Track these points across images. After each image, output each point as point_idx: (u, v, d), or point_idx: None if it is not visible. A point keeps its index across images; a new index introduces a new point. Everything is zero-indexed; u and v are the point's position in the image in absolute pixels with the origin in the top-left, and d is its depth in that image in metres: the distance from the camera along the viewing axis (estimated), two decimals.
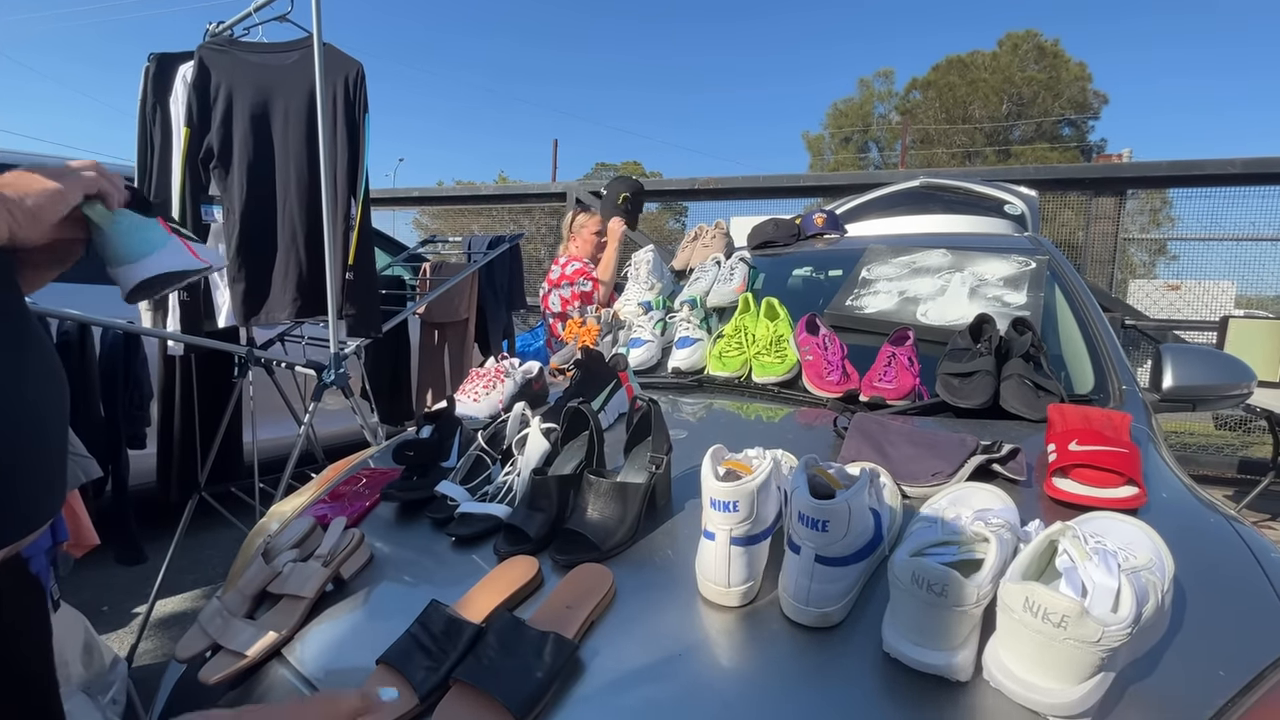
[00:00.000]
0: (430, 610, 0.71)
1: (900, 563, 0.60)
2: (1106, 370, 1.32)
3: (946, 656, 0.57)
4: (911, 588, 0.58)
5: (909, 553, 0.62)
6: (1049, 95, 19.27)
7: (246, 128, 1.68)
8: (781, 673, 0.62)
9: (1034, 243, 1.87)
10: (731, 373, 1.44)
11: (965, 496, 0.79)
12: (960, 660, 0.57)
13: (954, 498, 0.79)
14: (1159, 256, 6.24)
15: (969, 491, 0.80)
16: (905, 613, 0.59)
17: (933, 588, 0.56)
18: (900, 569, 0.59)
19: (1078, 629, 0.50)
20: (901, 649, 0.59)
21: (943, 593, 0.56)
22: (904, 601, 0.59)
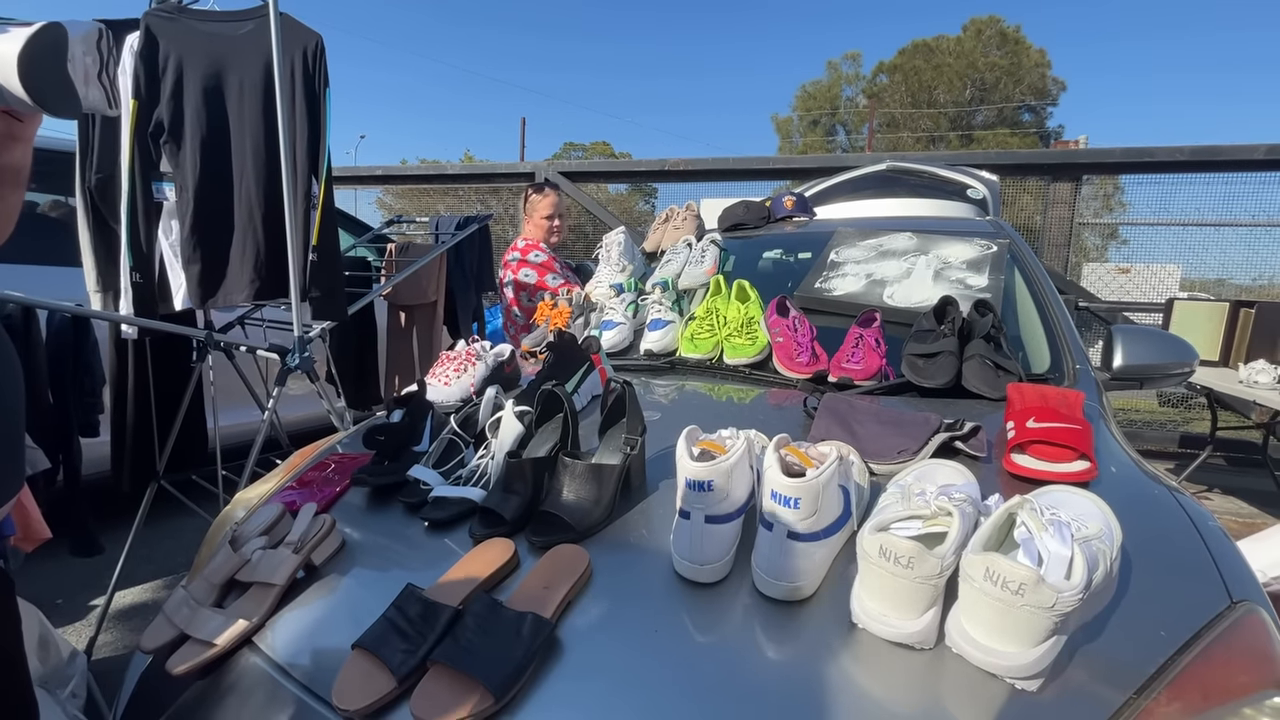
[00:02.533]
0: (406, 594, 0.71)
1: (867, 537, 0.62)
2: (1062, 350, 1.37)
3: (912, 625, 0.59)
4: (879, 560, 0.60)
5: (875, 528, 0.64)
6: (1010, 81, 19.67)
7: (199, 101, 1.61)
8: (755, 645, 0.64)
9: (995, 227, 1.92)
10: (703, 355, 1.45)
11: (929, 473, 0.82)
12: (924, 629, 0.59)
13: (919, 474, 0.82)
14: (1110, 241, 6.47)
15: (933, 468, 0.83)
16: (872, 585, 0.61)
17: (899, 560, 0.59)
18: (868, 543, 0.61)
19: (1034, 596, 0.53)
20: (869, 620, 0.61)
21: (908, 565, 0.58)
22: (871, 574, 0.61)
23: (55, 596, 2.13)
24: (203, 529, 1.81)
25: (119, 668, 1.87)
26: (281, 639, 0.76)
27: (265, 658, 0.74)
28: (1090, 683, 0.58)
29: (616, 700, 0.60)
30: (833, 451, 0.68)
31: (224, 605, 0.84)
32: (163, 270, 1.72)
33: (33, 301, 1.49)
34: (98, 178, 1.65)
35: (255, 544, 0.88)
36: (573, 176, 5.14)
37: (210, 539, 1.07)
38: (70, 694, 1.51)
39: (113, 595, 1.88)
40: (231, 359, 1.94)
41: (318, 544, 0.86)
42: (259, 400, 2.12)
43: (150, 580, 2.28)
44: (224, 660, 0.76)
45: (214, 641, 0.75)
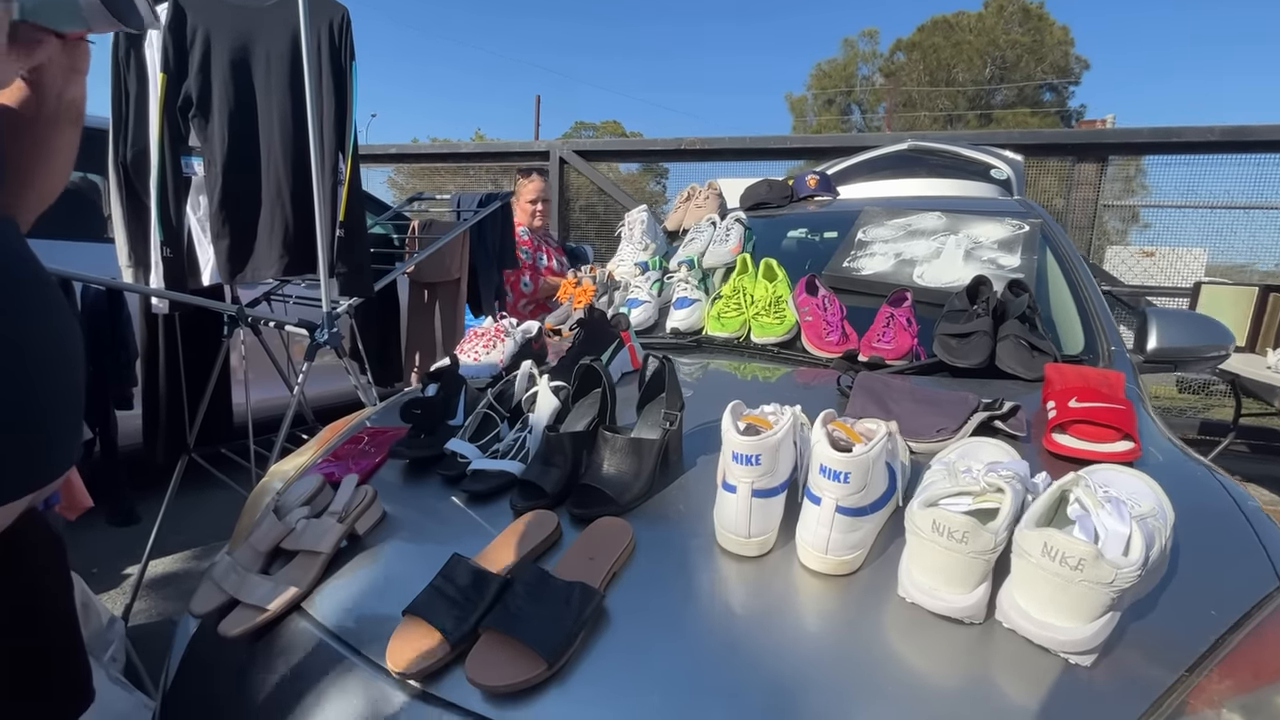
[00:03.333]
0: (454, 563, 0.72)
1: (919, 512, 0.62)
2: (1096, 332, 1.36)
3: (964, 600, 0.59)
4: (931, 535, 0.60)
5: (925, 503, 0.64)
6: (1032, 59, 19.20)
7: (226, 74, 1.60)
8: (802, 618, 0.65)
9: (1025, 206, 1.89)
10: (730, 333, 1.45)
11: (973, 450, 0.81)
12: (976, 603, 0.60)
13: (962, 452, 0.82)
14: (1132, 224, 6.35)
15: (976, 446, 0.83)
16: (923, 559, 0.62)
17: (953, 535, 0.59)
18: (919, 518, 0.61)
19: (1093, 571, 0.53)
20: (919, 594, 0.62)
21: (963, 539, 0.58)
22: (922, 549, 0.62)
23: (91, 565, 2.18)
24: (232, 501, 1.84)
25: (154, 633, 1.93)
26: (330, 605, 0.78)
27: (315, 623, 0.76)
28: (1142, 660, 0.58)
29: (666, 669, 0.61)
30: (881, 427, 0.68)
31: (270, 572, 0.86)
32: (191, 245, 1.73)
33: (70, 274, 1.51)
34: (132, 152, 1.66)
35: (299, 513, 0.89)
36: (587, 155, 5.10)
37: (250, 509, 1.09)
38: (110, 658, 1.56)
39: (147, 564, 1.92)
40: (259, 334, 1.95)
41: (361, 514, 0.88)
42: (284, 375, 2.14)
43: (181, 550, 2.33)
44: (274, 625, 0.78)
45: (265, 606, 0.77)
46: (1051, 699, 0.54)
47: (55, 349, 0.71)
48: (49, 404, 0.68)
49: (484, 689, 0.59)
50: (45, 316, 0.69)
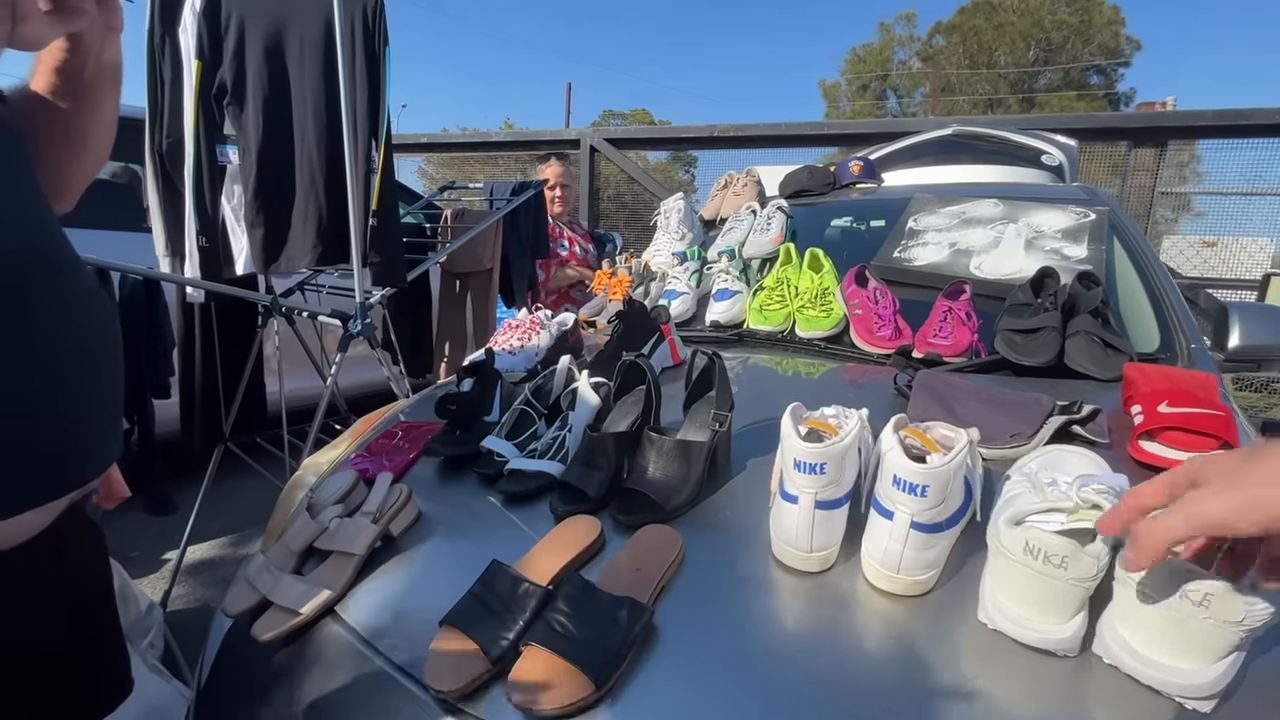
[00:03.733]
0: (493, 570, 0.68)
1: (1007, 531, 0.56)
2: (1173, 328, 1.26)
3: (1059, 631, 0.53)
4: (1023, 558, 0.54)
5: (1012, 520, 0.57)
6: (1079, 40, 18.41)
7: (260, 61, 1.58)
8: (871, 643, 0.59)
9: (1089, 193, 1.77)
10: (774, 327, 1.38)
11: (1056, 460, 0.74)
12: (1073, 635, 0.53)
13: (1043, 461, 0.74)
14: (1183, 212, 6.03)
15: (1059, 455, 0.75)
16: (1012, 584, 0.55)
17: (1050, 559, 0.52)
18: (1008, 538, 0.55)
19: (1221, 608, 0.46)
20: (1005, 622, 0.55)
21: (1061, 564, 0.52)
22: (1011, 572, 0.55)
23: (131, 550, 2.23)
24: (266, 490, 1.85)
25: (192, 620, 1.96)
26: (364, 610, 0.74)
27: (348, 628, 0.73)
28: (1266, 706, 0.51)
29: (722, 694, 0.56)
30: (961, 436, 0.62)
31: (303, 572, 0.83)
32: (226, 234, 1.73)
33: (107, 264, 1.51)
34: (168, 142, 1.65)
35: (332, 511, 0.87)
36: (618, 143, 5.04)
37: (283, 504, 1.07)
38: (148, 645, 1.57)
39: (185, 550, 1.95)
40: (293, 324, 1.95)
41: (395, 514, 0.84)
42: (317, 365, 2.14)
43: (219, 537, 2.36)
44: (308, 628, 0.75)
45: (298, 610, 0.74)
46: None
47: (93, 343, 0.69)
48: (89, 399, 0.67)
49: (529, 713, 0.54)
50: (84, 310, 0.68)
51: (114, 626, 0.88)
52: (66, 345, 0.63)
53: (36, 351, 0.60)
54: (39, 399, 0.60)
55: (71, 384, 0.63)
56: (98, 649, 0.85)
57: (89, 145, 0.77)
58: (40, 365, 0.60)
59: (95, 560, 0.83)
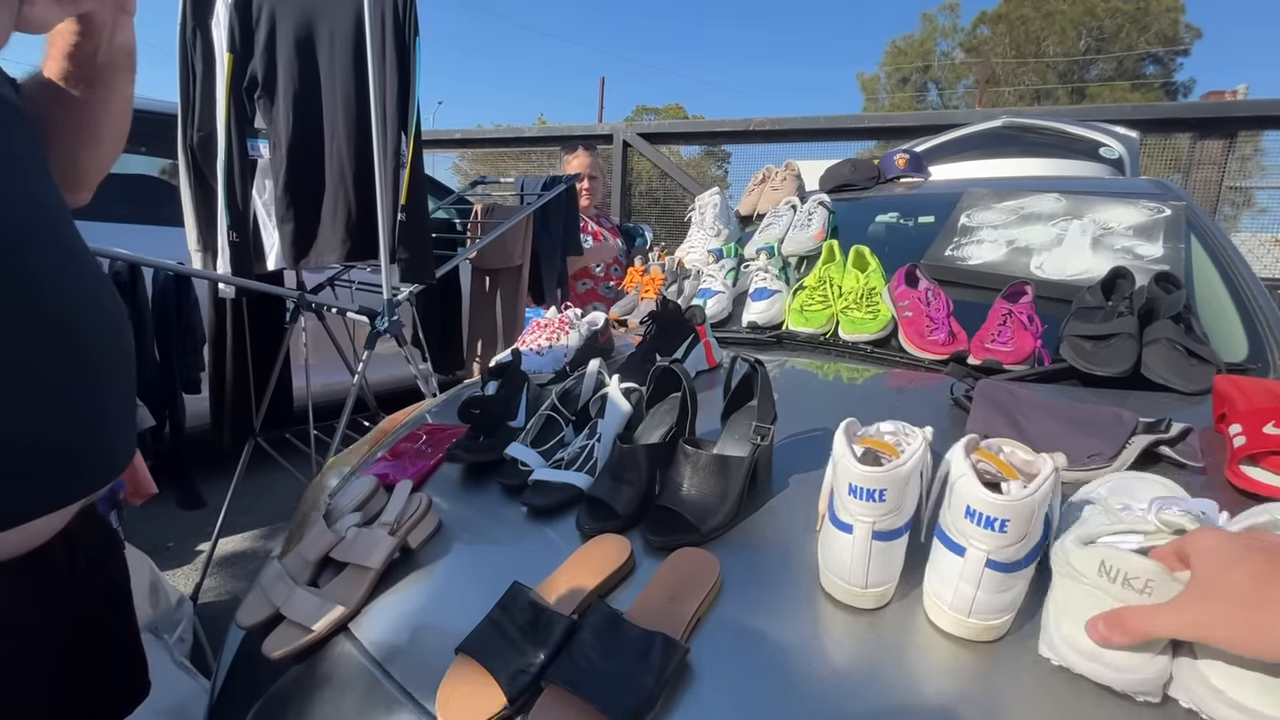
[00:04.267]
0: (513, 594, 0.63)
1: (1078, 551, 0.49)
2: (1264, 335, 1.14)
3: (1142, 670, 0.46)
4: (1097, 581, 0.47)
5: (1082, 540, 0.51)
6: (1134, 29, 17.58)
7: (291, 53, 1.56)
8: (929, 688, 0.52)
9: (1161, 188, 1.64)
10: (816, 329, 1.30)
11: (1127, 486, 0.66)
12: (1158, 675, 0.46)
13: (1113, 487, 0.66)
14: (1244, 209, 5.67)
15: (1130, 481, 0.67)
16: (1084, 614, 0.48)
17: (1130, 582, 0.46)
18: (1079, 558, 0.49)
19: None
20: (1075, 657, 0.49)
21: (1144, 589, 0.45)
22: (1082, 598, 0.49)
23: (166, 541, 2.26)
24: (296, 484, 1.84)
25: (223, 611, 1.97)
26: (378, 629, 0.70)
27: (361, 648, 0.69)
28: None
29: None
30: (1046, 463, 0.54)
31: (318, 584, 0.79)
32: (256, 229, 1.72)
33: (139, 259, 1.51)
34: (199, 135, 1.65)
35: (349, 520, 0.83)
36: (651, 138, 4.97)
37: (304, 506, 1.04)
38: (178, 638, 1.57)
39: (216, 543, 1.96)
40: (323, 320, 1.94)
41: (414, 525, 0.80)
42: (347, 361, 2.13)
43: (250, 529, 2.39)
44: (319, 646, 0.71)
45: (310, 627, 0.70)
46: None
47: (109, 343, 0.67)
48: (91, 405, 0.64)
49: None
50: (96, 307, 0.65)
51: (131, 629, 0.87)
52: (61, 348, 0.59)
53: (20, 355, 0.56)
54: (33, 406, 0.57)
55: (71, 389, 0.60)
56: (114, 652, 0.84)
57: (103, 134, 0.74)
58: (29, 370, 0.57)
59: (110, 563, 0.82)
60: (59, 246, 0.62)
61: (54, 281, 0.60)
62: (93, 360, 0.63)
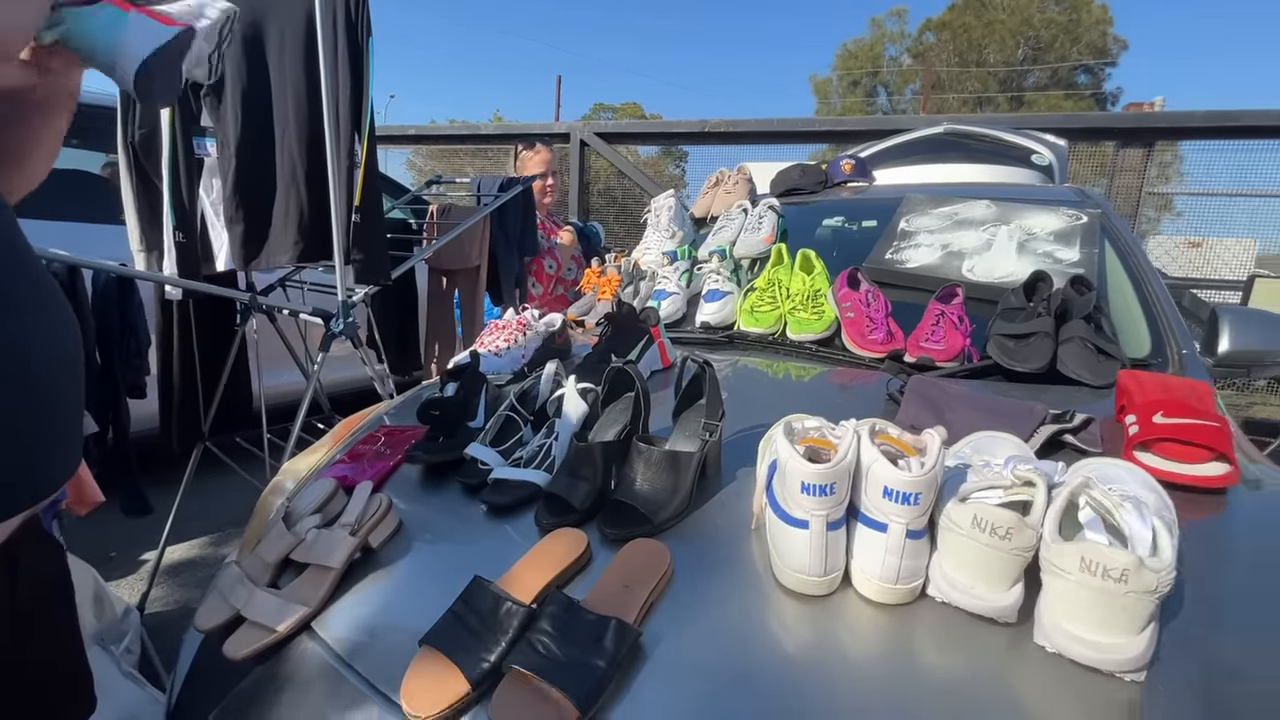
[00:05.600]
0: (474, 588, 0.66)
1: (956, 507, 0.58)
2: (1164, 334, 1.25)
3: (1002, 599, 0.56)
4: (971, 531, 0.56)
5: (960, 498, 0.60)
6: (1067, 39, 18.50)
7: (238, 50, 1.53)
8: (865, 655, 0.58)
9: (1081, 195, 1.77)
10: (765, 329, 1.37)
11: (986, 445, 0.76)
12: (1014, 602, 0.57)
13: (975, 445, 0.76)
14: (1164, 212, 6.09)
15: (986, 440, 0.77)
16: (961, 556, 0.58)
17: (996, 531, 0.55)
18: (957, 513, 0.58)
19: (1138, 581, 0.49)
20: (955, 593, 0.58)
21: (1006, 535, 0.55)
22: (960, 546, 0.58)
23: (109, 550, 2.18)
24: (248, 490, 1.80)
25: (171, 621, 1.91)
26: (340, 626, 0.72)
27: (325, 646, 0.70)
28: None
29: (710, 716, 0.54)
30: (934, 438, 0.61)
31: (279, 585, 0.81)
32: (204, 230, 1.68)
33: (79, 261, 1.46)
34: (140, 133, 1.60)
35: (309, 522, 0.84)
36: (609, 138, 4.99)
37: (260, 511, 1.04)
38: (125, 649, 1.53)
39: (163, 551, 1.91)
40: (274, 322, 1.91)
41: (375, 525, 0.82)
42: (300, 363, 2.10)
43: (198, 536, 2.32)
44: (282, 645, 0.72)
45: (273, 627, 0.72)
46: None
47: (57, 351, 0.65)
48: (52, 411, 0.63)
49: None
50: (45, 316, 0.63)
51: (75, 643, 0.84)
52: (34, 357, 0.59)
53: None
54: None
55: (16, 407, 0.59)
56: (59, 668, 0.81)
57: (31, 162, 0.72)
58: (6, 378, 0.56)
59: (53, 577, 0.79)
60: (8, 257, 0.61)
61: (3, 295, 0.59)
62: (43, 376, 0.61)
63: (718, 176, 2.22)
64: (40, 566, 0.77)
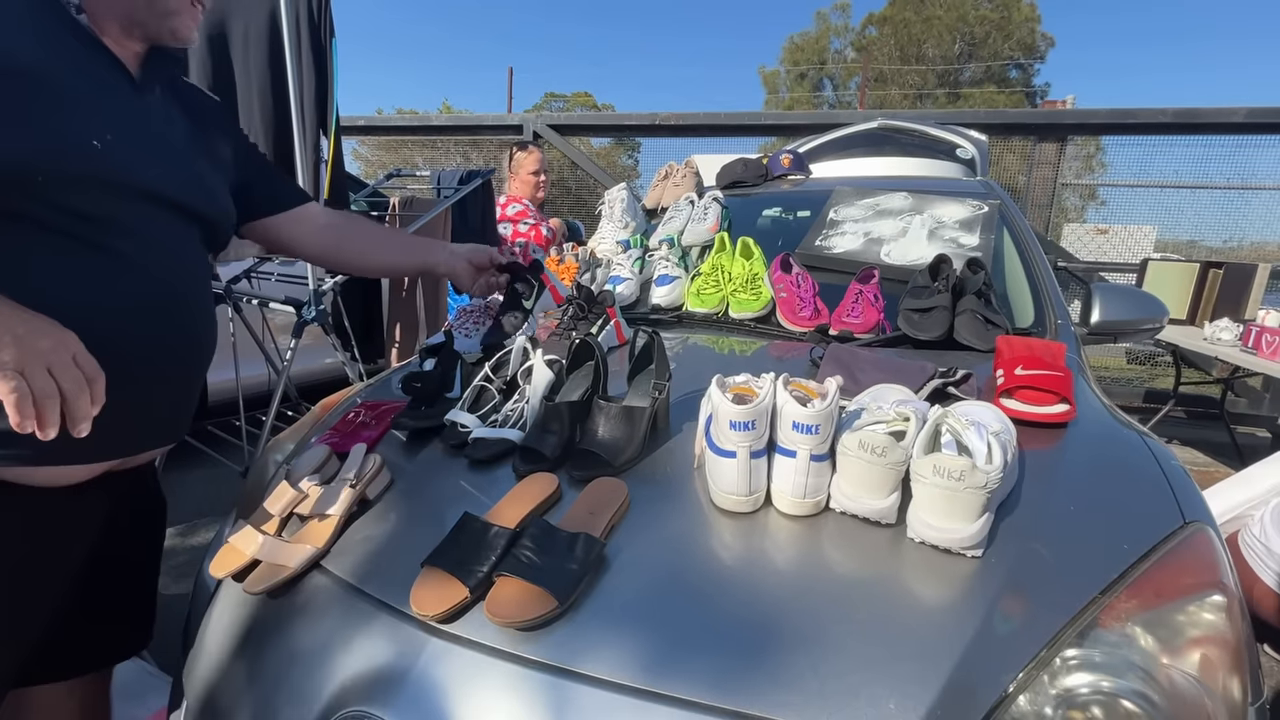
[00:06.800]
0: (466, 520, 0.79)
1: (848, 436, 0.75)
2: (1045, 306, 1.47)
3: (880, 503, 0.73)
4: (857, 452, 0.73)
5: (852, 430, 0.77)
6: (1000, 36, 19.40)
7: (203, 49, 1.59)
8: (776, 554, 0.75)
9: (986, 188, 1.99)
10: (710, 309, 1.52)
11: (881, 394, 0.95)
12: (889, 506, 0.73)
13: (873, 394, 0.95)
14: (1090, 201, 6.60)
15: (882, 390, 0.96)
16: (850, 473, 0.75)
17: (874, 450, 0.72)
18: (848, 440, 0.74)
19: (972, 479, 0.66)
20: (846, 502, 0.75)
21: (882, 454, 0.71)
22: (849, 465, 0.74)
23: None
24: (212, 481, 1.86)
25: None
26: (348, 562, 0.84)
27: (335, 578, 0.82)
28: (1062, 583, 0.68)
29: (660, 604, 0.69)
30: (831, 384, 0.78)
31: (284, 537, 0.92)
32: None
33: None
34: None
35: (310, 480, 0.95)
36: (561, 130, 5.08)
37: (256, 477, 1.13)
38: None
39: None
40: (239, 311, 1.96)
41: (370, 480, 0.94)
42: (266, 353, 2.15)
43: None
44: (296, 581, 0.84)
45: (287, 564, 0.83)
46: (981, 605, 0.65)
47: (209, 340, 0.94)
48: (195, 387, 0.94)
49: (503, 624, 0.66)
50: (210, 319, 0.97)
51: (152, 585, 1.00)
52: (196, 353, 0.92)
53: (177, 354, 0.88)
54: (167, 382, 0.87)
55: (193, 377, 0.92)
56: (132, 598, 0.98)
57: None
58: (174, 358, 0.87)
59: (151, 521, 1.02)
60: (202, 294, 0.91)
61: (198, 310, 0.89)
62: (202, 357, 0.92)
63: (667, 170, 2.37)
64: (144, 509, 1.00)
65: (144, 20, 0.81)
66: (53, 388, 0.60)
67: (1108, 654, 0.63)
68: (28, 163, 0.68)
